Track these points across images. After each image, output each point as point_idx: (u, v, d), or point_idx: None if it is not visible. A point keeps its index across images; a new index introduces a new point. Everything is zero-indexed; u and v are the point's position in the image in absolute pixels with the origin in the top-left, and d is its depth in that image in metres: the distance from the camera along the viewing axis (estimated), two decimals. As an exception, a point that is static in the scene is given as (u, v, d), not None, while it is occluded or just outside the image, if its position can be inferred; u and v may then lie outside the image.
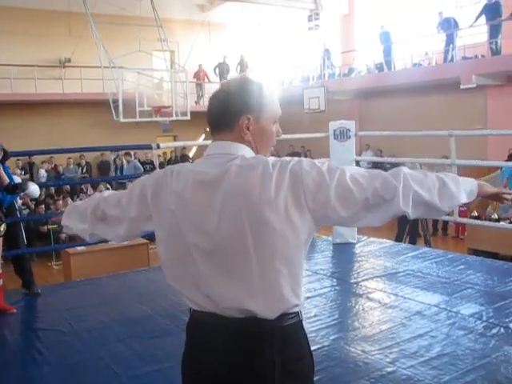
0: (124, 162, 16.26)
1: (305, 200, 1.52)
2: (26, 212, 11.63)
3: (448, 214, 5.17)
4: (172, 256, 1.66)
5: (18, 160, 14.74)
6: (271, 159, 1.58)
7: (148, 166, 15.80)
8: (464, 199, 1.69)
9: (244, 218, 1.51)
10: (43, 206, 12.57)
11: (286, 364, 1.56)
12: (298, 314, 1.62)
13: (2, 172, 4.67)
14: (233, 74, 19.07)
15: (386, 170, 1.66)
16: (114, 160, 17.18)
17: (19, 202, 9.16)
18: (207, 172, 1.60)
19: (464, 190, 1.69)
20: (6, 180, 4.69)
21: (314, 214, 1.55)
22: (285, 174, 1.53)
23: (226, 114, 1.64)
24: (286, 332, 1.57)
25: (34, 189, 4.87)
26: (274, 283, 1.53)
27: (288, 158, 1.59)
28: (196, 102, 18.82)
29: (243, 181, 1.53)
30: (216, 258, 1.56)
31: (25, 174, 14.90)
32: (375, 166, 16.03)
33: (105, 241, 2.18)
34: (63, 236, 11.68)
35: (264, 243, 1.51)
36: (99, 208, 1.86)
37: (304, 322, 1.67)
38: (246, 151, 1.63)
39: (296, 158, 1.60)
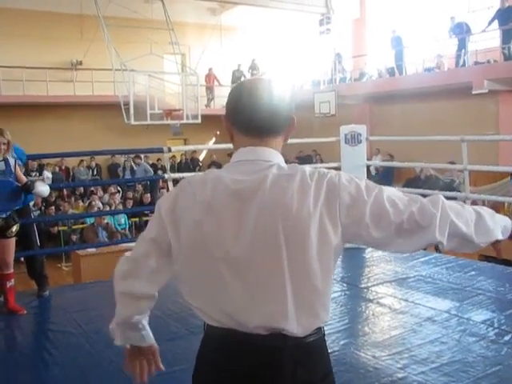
0: (133, 164, 16.33)
1: (339, 214, 1.45)
2: (36, 213, 11.69)
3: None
4: (193, 271, 1.51)
5: (34, 162, 14.84)
6: (307, 169, 1.50)
7: (156, 168, 15.87)
8: (499, 236, 1.58)
9: (279, 231, 1.42)
10: (53, 207, 12.65)
11: None
12: (321, 328, 1.54)
13: (20, 172, 4.71)
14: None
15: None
16: (124, 162, 17.25)
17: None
18: (240, 180, 1.48)
19: (500, 225, 1.59)
20: (24, 179, 4.73)
21: (345, 231, 1.47)
22: (322, 185, 1.46)
23: (280, 116, 1.56)
24: (311, 348, 1.49)
25: (41, 190, 4.89)
26: (307, 300, 1.47)
27: (325, 170, 1.51)
28: (206, 106, 18.87)
29: (281, 192, 1.44)
30: (247, 273, 1.44)
31: (39, 175, 14.99)
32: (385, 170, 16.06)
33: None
34: (74, 237, 11.76)
35: (297, 257, 1.43)
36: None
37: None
38: (280, 159, 1.55)
39: (333, 171, 1.52)
